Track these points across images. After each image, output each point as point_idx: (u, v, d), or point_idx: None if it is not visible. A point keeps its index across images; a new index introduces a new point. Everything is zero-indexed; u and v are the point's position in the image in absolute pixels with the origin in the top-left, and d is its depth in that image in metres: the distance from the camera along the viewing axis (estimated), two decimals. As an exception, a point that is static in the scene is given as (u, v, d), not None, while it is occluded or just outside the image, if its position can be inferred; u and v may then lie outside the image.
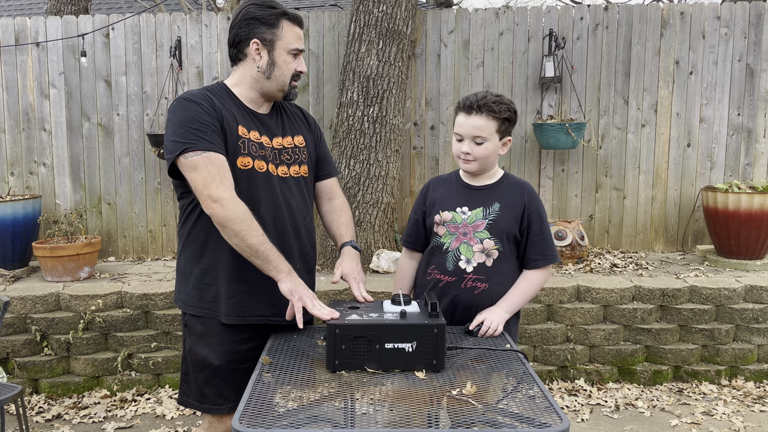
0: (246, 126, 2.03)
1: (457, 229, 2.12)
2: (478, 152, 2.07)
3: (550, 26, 4.81)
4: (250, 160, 2.00)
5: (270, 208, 2.02)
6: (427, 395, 1.54)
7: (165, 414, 3.52)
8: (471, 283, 2.10)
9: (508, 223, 2.10)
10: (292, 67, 2.05)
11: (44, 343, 3.79)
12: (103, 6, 9.81)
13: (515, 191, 2.14)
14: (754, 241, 4.30)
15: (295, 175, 2.12)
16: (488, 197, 2.13)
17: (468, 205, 2.14)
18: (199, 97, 1.97)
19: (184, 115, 1.93)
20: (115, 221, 4.97)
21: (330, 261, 4.43)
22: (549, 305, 3.92)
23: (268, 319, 2.06)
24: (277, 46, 2.02)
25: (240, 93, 2.07)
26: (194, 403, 2.11)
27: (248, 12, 2.02)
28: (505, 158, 4.94)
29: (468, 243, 2.11)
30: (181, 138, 1.90)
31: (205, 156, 1.89)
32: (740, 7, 4.81)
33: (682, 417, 3.46)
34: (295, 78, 2.08)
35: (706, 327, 3.89)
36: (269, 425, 1.38)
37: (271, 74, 2.04)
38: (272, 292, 2.01)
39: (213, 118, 1.94)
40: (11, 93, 4.85)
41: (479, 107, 2.04)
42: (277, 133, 2.11)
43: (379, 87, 4.37)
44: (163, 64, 4.85)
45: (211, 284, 2.04)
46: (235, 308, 2.03)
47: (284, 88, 2.07)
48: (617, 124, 4.92)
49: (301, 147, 2.16)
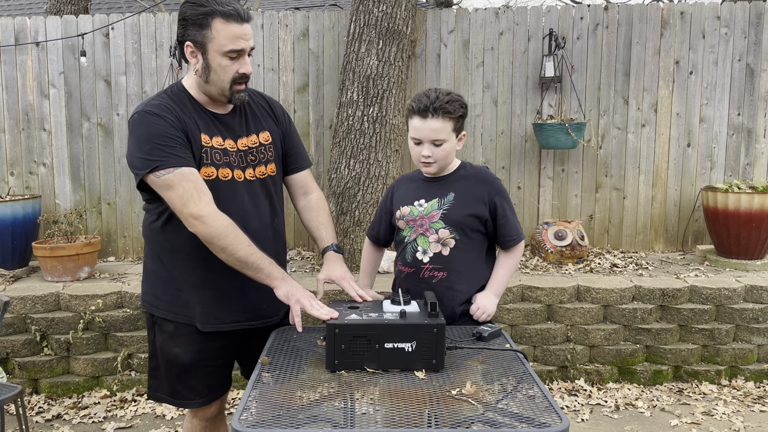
0: (208, 132, 1.95)
1: (415, 221, 2.17)
2: (438, 154, 2.09)
3: (550, 26, 4.81)
4: (214, 170, 1.94)
5: (239, 217, 1.94)
6: (427, 395, 1.54)
7: (165, 414, 3.52)
8: (428, 272, 2.15)
9: (462, 212, 2.12)
10: (231, 70, 1.89)
11: (44, 343, 3.79)
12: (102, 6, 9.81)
13: (472, 179, 2.17)
14: (754, 241, 4.30)
15: (261, 176, 2.05)
16: (444, 188, 2.17)
17: (425, 197, 2.18)
18: (162, 108, 1.89)
19: (149, 130, 1.86)
20: (114, 221, 4.97)
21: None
22: (549, 305, 3.91)
23: (243, 324, 2.05)
24: (209, 48, 1.86)
25: (196, 95, 1.98)
26: (166, 397, 2.11)
27: (182, 11, 1.89)
28: (505, 158, 4.95)
29: (424, 234, 2.15)
30: (148, 155, 1.84)
31: (178, 173, 1.83)
32: (740, 7, 4.81)
33: (682, 417, 3.45)
34: (238, 81, 1.92)
35: (706, 327, 3.89)
36: (269, 425, 1.38)
37: (208, 78, 1.90)
38: (244, 299, 2.02)
39: (178, 130, 1.87)
40: (11, 93, 4.85)
41: (435, 110, 2.03)
42: (241, 133, 2.02)
43: (379, 87, 4.37)
44: (162, 63, 4.85)
45: (180, 289, 2.02)
46: (207, 316, 2.02)
47: (224, 93, 1.93)
48: (617, 124, 4.92)
49: (267, 144, 2.08)
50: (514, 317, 3.87)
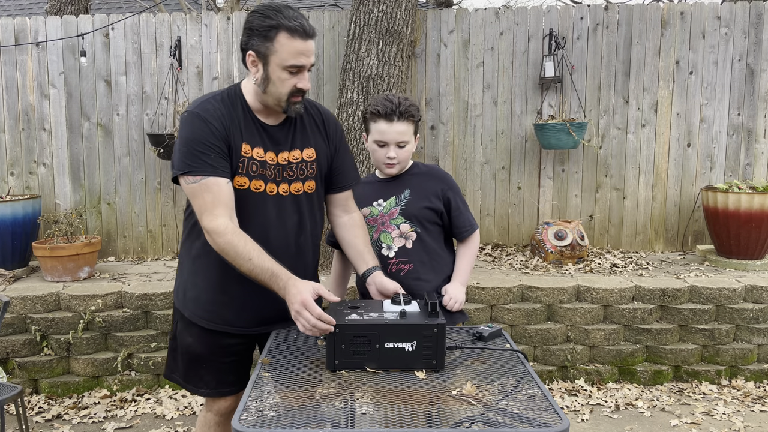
0: (251, 142, 1.96)
1: (376, 221, 2.29)
2: (402, 155, 2.23)
3: (550, 26, 4.81)
4: (247, 181, 1.96)
5: (260, 229, 1.96)
6: (427, 395, 1.54)
7: (165, 414, 3.52)
8: (395, 266, 2.27)
9: (420, 206, 2.26)
10: (290, 84, 1.91)
11: (44, 343, 3.79)
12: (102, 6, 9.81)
13: (426, 176, 2.32)
14: (754, 241, 4.30)
15: (296, 192, 2.04)
16: (399, 186, 2.30)
17: (382, 197, 2.30)
18: (210, 113, 1.91)
19: (191, 134, 1.89)
20: (114, 221, 4.97)
21: (329, 261, 4.42)
22: (549, 305, 3.91)
23: (251, 330, 2.08)
24: (271, 60, 1.88)
25: (250, 102, 2.00)
26: (179, 380, 2.17)
27: (248, 20, 1.92)
28: (505, 158, 4.95)
29: (386, 231, 2.28)
30: (184, 158, 1.89)
31: (203, 183, 1.87)
32: (740, 7, 4.81)
33: (682, 417, 3.45)
34: (295, 94, 1.94)
35: (706, 327, 3.89)
36: (269, 425, 1.38)
37: (266, 89, 1.93)
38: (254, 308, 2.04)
39: (219, 139, 1.89)
40: (11, 93, 4.85)
41: (401, 114, 2.18)
42: (285, 147, 2.02)
43: (379, 87, 4.37)
44: (163, 64, 4.85)
45: (196, 285, 2.07)
46: (212, 314, 2.06)
47: (281, 104, 1.95)
48: (617, 124, 4.92)
49: (309, 161, 2.06)
50: (514, 317, 3.87)
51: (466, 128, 4.93)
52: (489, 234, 5.03)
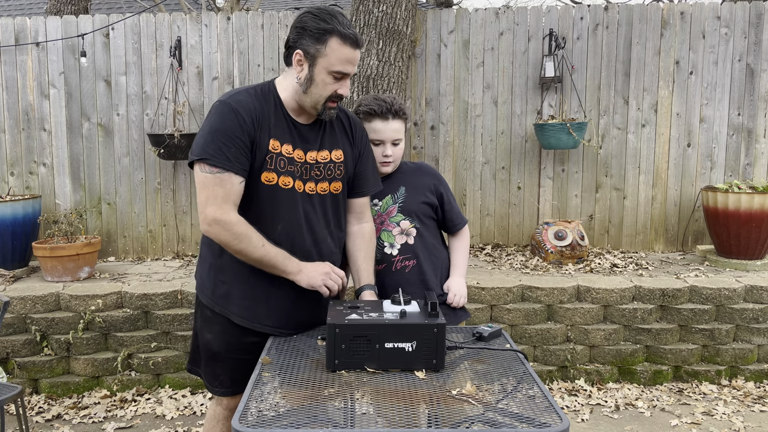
0: (280, 138, 1.97)
1: (374, 220, 2.28)
2: (396, 153, 2.27)
3: (550, 26, 4.81)
4: (275, 176, 1.96)
5: (289, 226, 1.99)
6: (427, 395, 1.54)
7: (165, 414, 3.52)
8: (400, 264, 2.28)
9: (417, 201, 2.30)
10: (331, 89, 1.94)
11: (44, 343, 3.79)
12: (103, 6, 9.81)
13: (417, 173, 2.36)
14: (754, 241, 4.30)
15: (323, 192, 2.06)
16: (393, 184, 2.32)
17: (377, 197, 2.31)
18: (242, 106, 1.92)
19: (219, 123, 1.90)
20: (115, 221, 4.97)
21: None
22: (549, 305, 3.91)
23: (276, 329, 2.07)
24: (319, 62, 1.91)
25: (285, 99, 2.01)
26: (202, 374, 2.20)
27: (301, 19, 1.95)
28: (505, 158, 4.95)
29: (387, 229, 2.29)
30: (206, 146, 1.89)
31: (218, 176, 1.88)
32: (740, 7, 4.81)
33: (683, 417, 3.45)
34: (333, 99, 1.97)
35: (706, 327, 3.89)
36: (269, 425, 1.38)
37: (307, 89, 1.95)
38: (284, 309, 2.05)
39: (245, 133, 1.90)
40: (11, 93, 4.85)
41: (395, 112, 2.23)
42: (314, 146, 2.04)
43: (379, 87, 4.37)
44: (163, 64, 4.85)
45: (225, 282, 2.06)
46: (246, 311, 2.05)
47: (317, 107, 1.97)
48: (617, 124, 4.92)
49: (338, 162, 2.08)
50: (514, 317, 3.87)
51: (466, 128, 4.93)
52: (489, 234, 5.03)
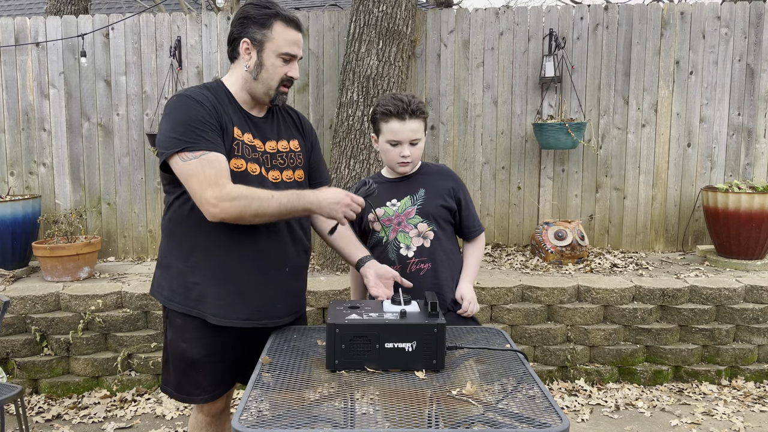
0: (241, 128, 2.00)
1: (391, 221, 2.28)
2: (415, 153, 2.24)
3: (550, 26, 4.81)
4: (244, 162, 1.97)
5: None
6: (427, 395, 1.54)
7: (165, 414, 3.52)
8: (415, 266, 2.26)
9: (436, 204, 2.28)
10: (282, 71, 1.99)
11: (44, 343, 3.79)
12: (102, 6, 9.81)
13: (437, 175, 2.34)
14: (755, 241, 4.30)
15: (288, 180, 2.08)
16: (412, 185, 2.31)
17: (396, 197, 2.30)
18: (200, 96, 1.95)
19: (186, 114, 1.90)
20: (114, 221, 4.97)
21: (330, 261, 4.43)
22: (549, 305, 3.91)
23: (256, 322, 2.04)
24: (267, 47, 1.97)
25: (235, 93, 2.04)
26: (172, 391, 2.15)
27: (243, 11, 2.00)
28: (505, 158, 4.95)
29: (404, 231, 2.27)
30: (181, 136, 1.87)
31: (204, 158, 1.86)
32: (740, 7, 4.81)
33: (683, 417, 3.45)
34: (284, 83, 2.02)
35: (706, 327, 3.89)
36: (269, 425, 1.38)
37: (258, 75, 1.99)
38: (262, 297, 2.02)
39: (213, 118, 1.92)
40: (11, 93, 4.85)
41: (413, 111, 2.20)
42: (271, 136, 2.08)
43: (379, 87, 4.37)
44: (162, 64, 4.85)
45: (198, 283, 2.01)
46: (222, 309, 2.01)
47: (270, 93, 2.01)
48: (617, 124, 4.92)
49: (296, 151, 2.13)
50: (514, 317, 3.87)
51: (466, 128, 4.93)
52: (489, 234, 5.03)
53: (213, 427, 2.22)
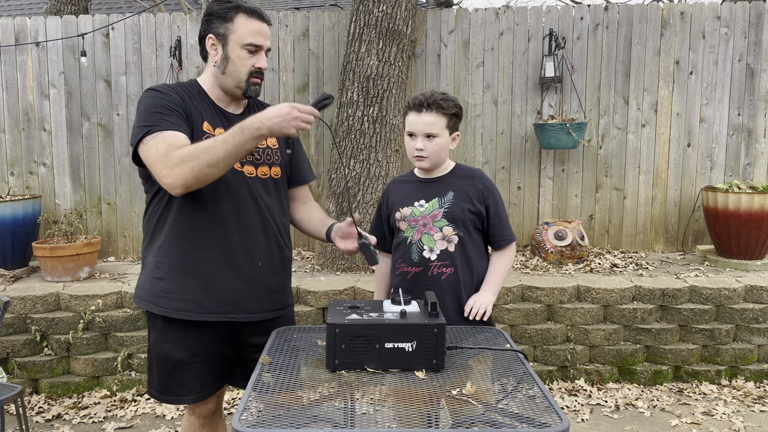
0: (212, 123, 2.02)
1: (417, 221, 2.24)
2: (430, 148, 2.19)
3: (550, 26, 4.81)
4: None
5: (233, 203, 2.01)
6: (427, 395, 1.54)
7: (165, 414, 3.52)
8: (437, 270, 2.22)
9: (463, 209, 2.22)
10: (249, 63, 2.00)
11: (44, 343, 3.79)
12: (103, 6, 9.81)
13: (468, 179, 2.27)
14: (755, 241, 4.30)
15: (263, 176, 2.08)
16: (442, 188, 2.26)
17: (424, 198, 2.26)
18: (167, 88, 1.99)
19: (151, 103, 1.93)
20: (115, 221, 4.97)
21: (330, 261, 4.43)
22: (549, 305, 3.91)
23: (224, 316, 2.04)
24: (230, 40, 1.99)
25: (209, 90, 2.07)
26: (157, 394, 2.14)
27: (208, 8, 2.04)
28: (505, 158, 4.95)
29: (429, 233, 2.23)
30: (144, 122, 1.89)
31: (159, 136, 1.85)
32: (740, 7, 4.81)
33: (683, 417, 3.45)
34: (254, 75, 2.02)
35: (706, 327, 3.89)
36: (269, 425, 1.38)
37: (225, 69, 2.01)
38: (230, 290, 2.02)
39: (178, 106, 1.94)
40: (11, 93, 4.85)
41: (429, 105, 2.16)
42: None
43: (379, 87, 4.37)
44: (163, 64, 4.85)
45: (161, 278, 2.02)
46: (187, 304, 2.01)
47: (240, 85, 2.02)
48: (617, 124, 4.92)
49: (274, 149, 2.13)
50: (514, 317, 3.87)
51: (466, 128, 4.93)
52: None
53: (206, 429, 2.22)
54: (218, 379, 2.17)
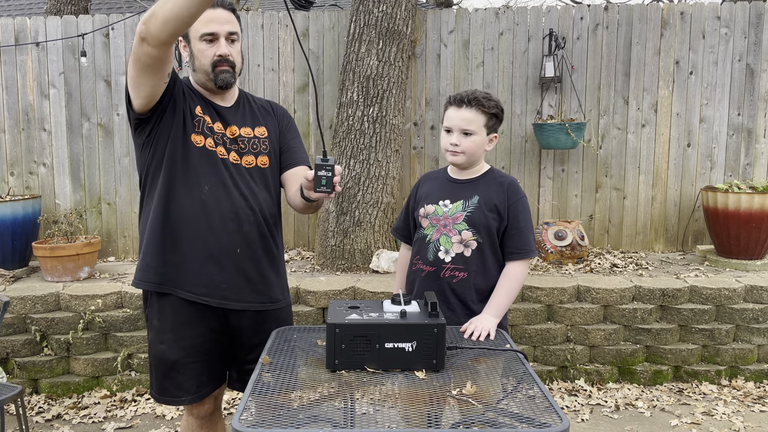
0: (204, 110, 2.07)
1: (438, 221, 2.21)
2: (465, 144, 2.14)
3: (550, 26, 4.81)
4: (203, 138, 2.04)
5: (215, 187, 2.03)
6: (427, 395, 1.54)
7: (165, 414, 3.52)
8: (449, 272, 2.18)
9: (486, 215, 2.16)
10: (209, 53, 2.01)
11: (44, 343, 3.79)
12: (103, 6, 9.81)
13: (496, 185, 2.20)
14: (754, 241, 4.30)
15: (248, 165, 2.11)
16: (469, 190, 2.21)
17: (450, 198, 2.22)
18: None
19: None
20: (115, 221, 4.97)
21: (330, 261, 4.43)
22: (549, 305, 3.91)
23: (198, 297, 2.05)
24: (191, 36, 2.02)
25: (196, 87, 2.12)
26: (156, 395, 2.16)
27: None
28: (505, 158, 4.95)
29: (447, 234, 2.19)
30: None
31: None
32: (740, 7, 4.81)
33: (682, 417, 3.45)
34: (219, 63, 2.01)
35: (706, 327, 3.89)
36: (269, 425, 1.38)
37: (194, 66, 2.05)
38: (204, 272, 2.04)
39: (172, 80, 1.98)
40: (11, 93, 4.85)
41: (469, 101, 2.12)
42: (233, 123, 2.11)
43: (379, 87, 4.37)
44: (163, 64, 4.84)
45: (147, 254, 2.06)
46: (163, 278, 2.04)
47: (210, 76, 2.04)
48: (617, 124, 4.92)
49: (262, 138, 2.15)
50: (514, 317, 3.87)
51: (466, 128, 4.92)
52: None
53: (204, 429, 2.22)
54: (214, 380, 2.17)
